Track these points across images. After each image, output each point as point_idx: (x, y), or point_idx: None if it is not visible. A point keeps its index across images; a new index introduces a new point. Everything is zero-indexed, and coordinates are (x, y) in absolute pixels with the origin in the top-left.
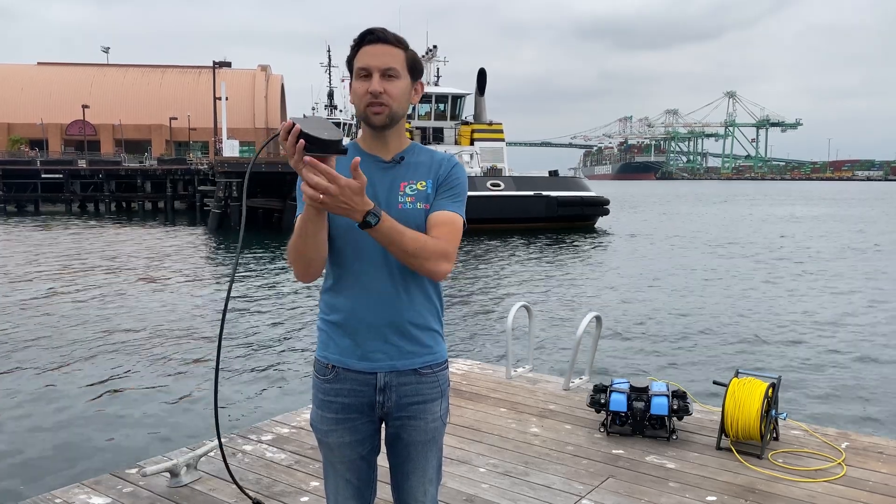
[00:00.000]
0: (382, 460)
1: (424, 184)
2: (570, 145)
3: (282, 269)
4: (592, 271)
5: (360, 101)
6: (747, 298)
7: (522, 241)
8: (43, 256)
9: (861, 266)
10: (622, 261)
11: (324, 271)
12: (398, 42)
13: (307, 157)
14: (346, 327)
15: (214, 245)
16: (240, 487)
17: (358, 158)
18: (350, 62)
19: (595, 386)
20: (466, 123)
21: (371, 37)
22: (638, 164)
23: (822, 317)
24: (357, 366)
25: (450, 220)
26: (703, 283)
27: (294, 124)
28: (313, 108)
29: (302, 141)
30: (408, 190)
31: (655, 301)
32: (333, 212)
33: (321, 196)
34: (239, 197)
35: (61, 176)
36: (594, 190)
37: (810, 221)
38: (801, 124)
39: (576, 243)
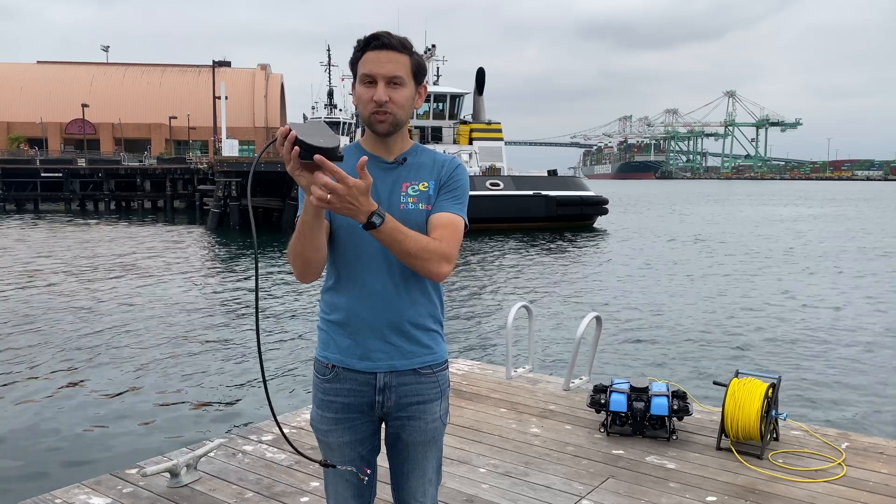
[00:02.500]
0: (382, 460)
1: (426, 185)
2: (570, 144)
3: (282, 268)
4: (592, 271)
5: (365, 108)
6: (748, 298)
7: (522, 240)
8: (41, 256)
9: (862, 266)
10: (622, 260)
11: (324, 271)
12: (403, 47)
13: (316, 156)
14: (346, 327)
15: (214, 244)
16: (298, 451)
17: (365, 158)
18: (353, 64)
19: (595, 386)
20: (465, 123)
21: (376, 42)
22: (638, 163)
23: (823, 317)
24: (357, 365)
25: (451, 222)
26: (704, 283)
27: (290, 130)
28: (313, 108)
29: (297, 148)
30: (410, 191)
31: (655, 301)
32: (339, 212)
33: (328, 196)
34: (238, 196)
35: (61, 175)
36: (593, 189)
37: (811, 221)
38: (801, 124)
39: (575, 243)
